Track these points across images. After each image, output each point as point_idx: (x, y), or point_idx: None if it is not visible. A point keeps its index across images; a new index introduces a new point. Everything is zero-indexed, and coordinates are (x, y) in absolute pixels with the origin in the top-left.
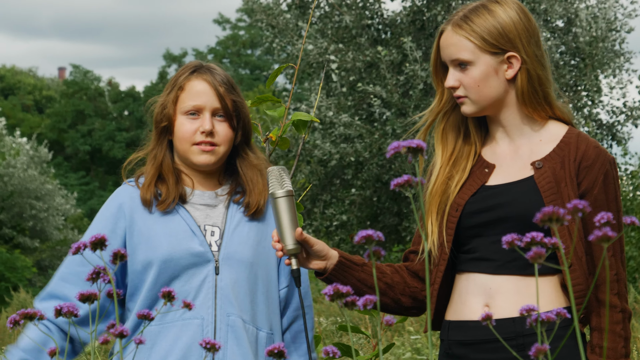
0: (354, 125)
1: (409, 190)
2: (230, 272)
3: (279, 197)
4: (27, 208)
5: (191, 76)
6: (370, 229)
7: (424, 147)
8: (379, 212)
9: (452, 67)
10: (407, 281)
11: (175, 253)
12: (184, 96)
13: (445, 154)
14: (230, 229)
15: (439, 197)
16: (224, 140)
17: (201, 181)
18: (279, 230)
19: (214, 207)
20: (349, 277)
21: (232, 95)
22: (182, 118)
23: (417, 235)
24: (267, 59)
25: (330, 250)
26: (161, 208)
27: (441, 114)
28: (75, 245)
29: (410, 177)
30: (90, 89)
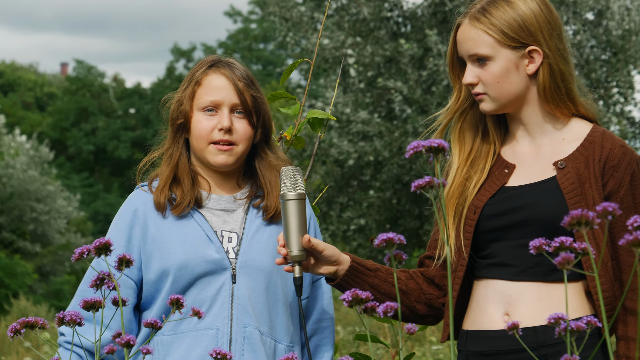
0: (372, 122)
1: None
2: (247, 280)
3: (290, 200)
4: (28, 211)
5: (209, 70)
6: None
7: (445, 146)
8: (399, 215)
9: (470, 63)
10: (422, 288)
11: (190, 260)
12: (201, 91)
13: (462, 153)
14: (249, 235)
15: (456, 199)
16: (243, 138)
17: (219, 183)
18: (285, 235)
19: (231, 212)
20: (361, 283)
21: (251, 91)
22: (199, 115)
23: (432, 239)
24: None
25: (342, 255)
26: (176, 212)
27: (458, 113)
28: (79, 250)
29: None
30: (94, 85)
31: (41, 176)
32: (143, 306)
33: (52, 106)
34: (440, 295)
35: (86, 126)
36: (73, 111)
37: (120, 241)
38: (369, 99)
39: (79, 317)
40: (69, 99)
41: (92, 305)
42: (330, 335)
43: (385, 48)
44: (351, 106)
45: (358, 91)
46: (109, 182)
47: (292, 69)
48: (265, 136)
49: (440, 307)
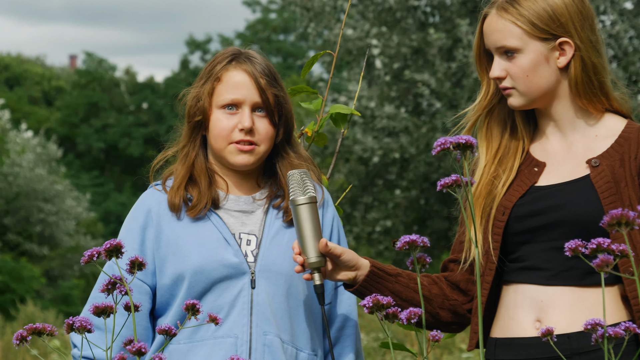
0: (398, 117)
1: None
2: (267, 285)
3: (301, 204)
4: (35, 211)
5: (229, 65)
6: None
7: (473, 143)
8: (427, 216)
9: (498, 56)
10: (446, 293)
11: (207, 264)
12: (220, 88)
13: (490, 151)
14: (269, 237)
15: (483, 199)
16: (265, 139)
17: (237, 183)
18: (300, 241)
19: (250, 213)
20: (381, 289)
21: (274, 89)
22: (218, 113)
23: (457, 242)
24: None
25: (361, 259)
26: (191, 214)
27: (487, 109)
28: (88, 253)
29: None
30: (105, 79)
31: (49, 175)
32: (157, 312)
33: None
34: (465, 301)
35: (96, 122)
36: (82, 106)
37: (133, 244)
38: (395, 92)
39: (89, 324)
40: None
41: (102, 310)
42: (353, 343)
43: (412, 38)
44: (376, 100)
45: (383, 84)
46: (121, 181)
47: (313, 61)
48: (287, 135)
49: (466, 314)
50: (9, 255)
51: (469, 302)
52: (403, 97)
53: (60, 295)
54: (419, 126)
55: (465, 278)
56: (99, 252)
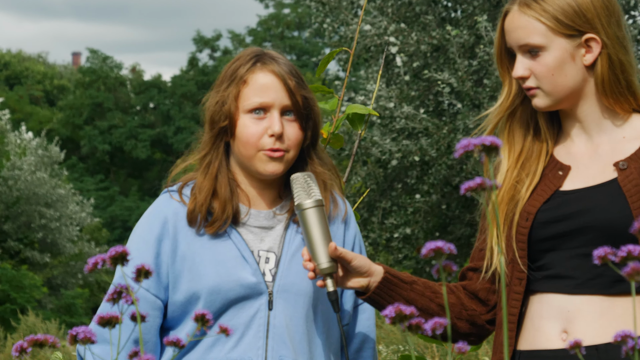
0: (418, 118)
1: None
2: (285, 307)
3: (307, 209)
4: (36, 217)
5: (255, 67)
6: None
7: (498, 144)
8: (449, 221)
9: (521, 54)
10: (464, 303)
11: (224, 284)
12: (247, 91)
13: (512, 154)
14: (288, 255)
15: (506, 205)
16: (294, 144)
17: (260, 193)
18: (309, 247)
19: (270, 229)
20: (395, 297)
21: (302, 91)
22: (245, 118)
23: (476, 250)
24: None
25: (374, 265)
26: (210, 230)
27: (509, 110)
28: (92, 260)
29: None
30: (110, 77)
31: (51, 178)
32: (168, 328)
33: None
34: (484, 312)
35: (101, 123)
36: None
37: (148, 256)
38: (414, 92)
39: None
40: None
41: (108, 321)
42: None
43: (433, 35)
44: (395, 100)
45: (403, 83)
46: (126, 185)
47: (329, 59)
48: (314, 140)
49: (484, 325)
50: (9, 263)
51: (488, 313)
52: (423, 97)
53: (63, 305)
54: (440, 127)
55: (485, 287)
56: (103, 260)
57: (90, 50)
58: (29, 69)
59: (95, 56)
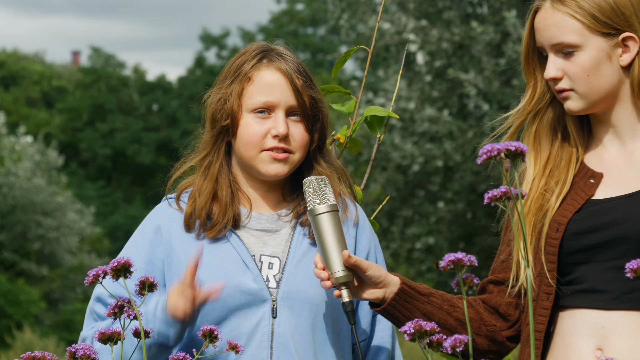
0: (441, 120)
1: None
2: (290, 315)
3: (321, 214)
4: (33, 226)
5: (260, 64)
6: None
7: (524, 150)
8: (474, 231)
9: (553, 54)
10: (483, 318)
11: (224, 290)
12: (251, 89)
13: (539, 161)
14: (294, 260)
15: (533, 215)
16: (300, 146)
17: (263, 196)
18: (323, 255)
19: (274, 232)
20: (412, 310)
21: (310, 91)
22: (248, 117)
23: (498, 261)
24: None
25: (390, 276)
26: (210, 234)
27: (533, 114)
28: (93, 272)
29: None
30: (112, 77)
31: (49, 185)
32: None
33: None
34: (505, 327)
35: (102, 126)
36: (87, 108)
37: (138, 262)
38: (437, 92)
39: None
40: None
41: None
42: None
43: (455, 32)
44: (416, 101)
45: (424, 84)
46: (130, 192)
47: (346, 57)
48: (322, 142)
49: (505, 342)
50: (4, 276)
51: (509, 329)
52: (446, 98)
53: (61, 321)
54: (465, 130)
55: (506, 302)
56: (105, 272)
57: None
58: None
59: (96, 55)
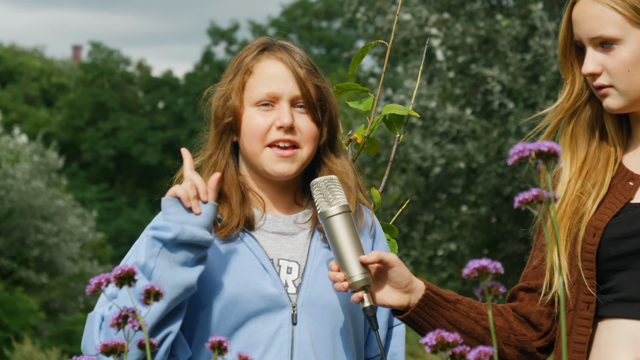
0: (464, 119)
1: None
2: (311, 322)
3: (332, 216)
4: (31, 232)
5: (261, 56)
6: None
7: (557, 151)
8: (500, 237)
9: (592, 48)
10: (513, 327)
11: (242, 294)
12: (253, 82)
13: (575, 162)
14: (314, 265)
15: (569, 219)
16: (308, 138)
17: (274, 198)
18: (338, 259)
19: (291, 235)
20: (437, 317)
21: (315, 79)
22: (251, 110)
23: (529, 267)
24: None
25: (415, 280)
26: (222, 234)
27: (570, 112)
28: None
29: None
30: (115, 74)
31: (48, 188)
32: None
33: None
34: (535, 337)
35: (105, 125)
36: (88, 106)
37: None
38: (459, 90)
39: None
40: (83, 91)
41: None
42: None
43: (480, 26)
44: (437, 99)
45: (446, 80)
46: (134, 196)
47: (363, 53)
48: (332, 136)
49: (535, 353)
50: (1, 284)
51: (541, 339)
52: (469, 96)
53: (62, 332)
54: (489, 130)
55: (538, 310)
56: (108, 280)
57: (93, 43)
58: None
59: (98, 50)
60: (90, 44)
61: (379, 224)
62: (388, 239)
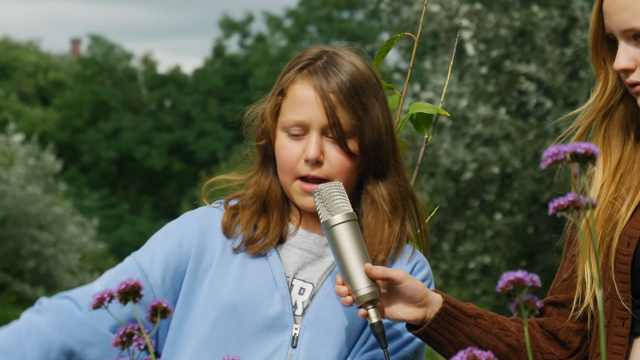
0: (497, 120)
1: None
2: (311, 346)
3: (336, 225)
4: (27, 242)
5: (297, 76)
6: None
7: (595, 152)
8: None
9: (625, 41)
10: (539, 344)
11: (242, 303)
12: (285, 106)
13: (608, 166)
14: (327, 289)
15: (601, 226)
16: (338, 172)
17: (311, 217)
18: (343, 271)
19: (317, 257)
20: (456, 333)
21: (350, 107)
22: (282, 137)
23: (559, 280)
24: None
25: (431, 293)
26: (251, 251)
27: (603, 111)
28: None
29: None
30: (117, 70)
31: (45, 194)
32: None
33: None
34: (564, 356)
35: (106, 126)
36: (88, 105)
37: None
38: (493, 87)
39: None
40: (82, 88)
41: None
42: None
43: (515, 17)
44: (469, 98)
45: (478, 77)
46: (138, 202)
47: (388, 47)
48: (378, 163)
49: None
50: None
51: (569, 358)
52: (503, 94)
53: None
54: (525, 131)
55: (567, 327)
56: (111, 295)
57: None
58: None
59: (98, 43)
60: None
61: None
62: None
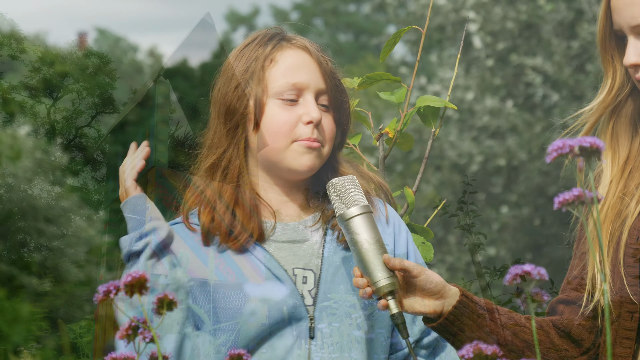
0: (504, 113)
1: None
2: (328, 334)
3: (352, 217)
4: (34, 235)
5: (282, 44)
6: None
7: (600, 146)
8: (544, 240)
9: (634, 37)
10: (553, 341)
11: (257, 307)
12: (275, 72)
13: (616, 161)
14: (329, 272)
15: (611, 223)
16: (329, 138)
17: (284, 202)
18: (360, 264)
19: (302, 242)
20: (471, 326)
21: (337, 76)
22: (274, 104)
23: (569, 277)
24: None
25: (447, 285)
26: (234, 245)
27: (611, 108)
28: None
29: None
30: (124, 63)
31: (52, 187)
32: None
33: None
34: (578, 354)
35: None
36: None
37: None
38: (499, 80)
39: None
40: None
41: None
42: None
43: (522, 10)
44: (475, 91)
45: (484, 70)
46: None
47: (395, 40)
48: (343, 140)
49: None
50: (1, 291)
51: (583, 355)
52: (510, 87)
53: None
54: (531, 124)
55: (580, 324)
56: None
57: (99, 30)
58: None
59: (104, 36)
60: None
61: (394, 212)
62: (423, 242)
